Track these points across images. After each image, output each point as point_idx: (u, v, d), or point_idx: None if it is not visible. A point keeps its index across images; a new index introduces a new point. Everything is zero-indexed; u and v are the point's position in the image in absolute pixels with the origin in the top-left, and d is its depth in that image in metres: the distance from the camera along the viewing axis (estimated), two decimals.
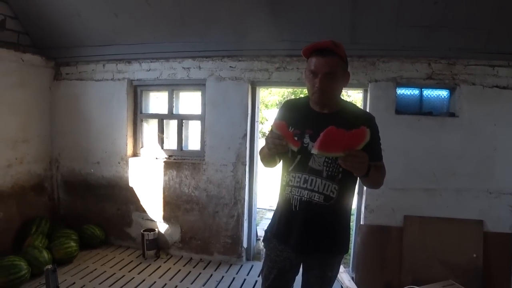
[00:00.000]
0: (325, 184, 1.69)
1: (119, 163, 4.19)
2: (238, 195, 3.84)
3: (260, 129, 5.99)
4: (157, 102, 4.43)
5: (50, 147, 4.41)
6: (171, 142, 4.30)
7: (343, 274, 3.48)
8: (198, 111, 4.06)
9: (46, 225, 4.00)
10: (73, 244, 3.74)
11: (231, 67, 3.76)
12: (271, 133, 1.62)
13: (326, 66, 1.61)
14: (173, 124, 4.26)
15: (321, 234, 1.76)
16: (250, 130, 3.84)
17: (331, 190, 1.69)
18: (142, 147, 4.29)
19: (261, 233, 4.33)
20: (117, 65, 4.12)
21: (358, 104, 3.08)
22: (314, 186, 1.70)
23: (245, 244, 3.94)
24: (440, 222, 3.37)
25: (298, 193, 1.73)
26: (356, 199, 3.69)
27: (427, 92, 3.60)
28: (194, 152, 4.12)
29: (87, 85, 4.25)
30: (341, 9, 3.16)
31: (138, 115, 4.25)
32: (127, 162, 4.16)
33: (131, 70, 4.08)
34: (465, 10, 2.97)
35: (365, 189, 3.53)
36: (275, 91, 15.23)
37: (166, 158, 4.14)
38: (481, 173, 3.35)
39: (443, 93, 3.58)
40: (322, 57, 1.62)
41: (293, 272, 1.94)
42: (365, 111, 2.12)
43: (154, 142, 4.27)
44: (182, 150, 4.15)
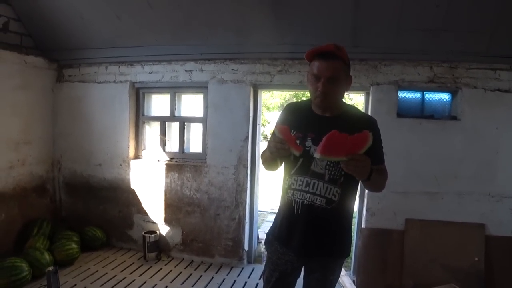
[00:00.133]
0: (327, 187, 1.69)
1: (121, 165, 4.19)
2: (239, 198, 3.84)
3: (262, 131, 5.99)
4: (159, 104, 4.43)
5: (52, 149, 4.42)
6: (173, 145, 4.30)
7: (345, 278, 3.47)
8: (200, 114, 4.07)
9: (48, 226, 4.00)
10: (74, 246, 3.74)
11: (233, 70, 3.77)
12: (274, 137, 1.62)
13: (329, 70, 1.61)
14: (175, 126, 4.27)
15: (322, 238, 1.75)
16: (252, 133, 3.85)
17: (333, 194, 1.69)
18: (144, 149, 4.30)
19: (262, 235, 4.32)
20: (119, 67, 4.14)
21: (360, 107, 3.09)
22: (316, 190, 1.70)
23: (246, 246, 3.93)
24: (441, 226, 3.36)
25: (300, 196, 1.73)
26: (357, 202, 3.68)
27: (429, 95, 3.60)
28: (195, 154, 4.13)
29: (90, 87, 4.26)
30: (343, 12, 3.16)
31: (140, 118, 4.26)
32: (129, 164, 4.17)
33: (134, 72, 4.09)
34: (466, 13, 2.97)
35: (366, 192, 3.53)
36: (277, 94, 15.21)
37: (168, 160, 4.14)
38: (482, 176, 3.34)
39: (445, 96, 3.58)
40: (324, 60, 1.62)
41: (294, 275, 1.94)
42: (367, 115, 2.12)
43: (156, 145, 4.28)
44: (183, 152, 4.15)
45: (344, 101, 1.84)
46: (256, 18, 3.38)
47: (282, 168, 1.88)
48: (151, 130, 4.35)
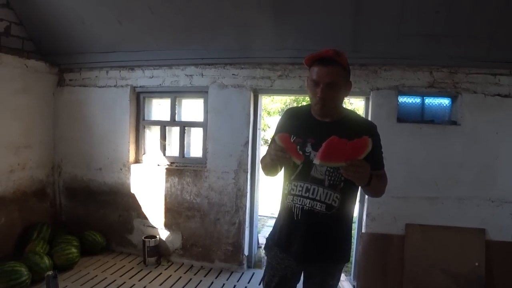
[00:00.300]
0: (327, 193, 1.69)
1: (121, 170, 4.19)
2: (239, 203, 3.84)
3: (262, 136, 5.98)
4: (159, 109, 4.44)
5: (53, 153, 4.43)
6: (173, 149, 4.31)
7: (345, 283, 3.47)
8: (200, 118, 4.07)
9: (48, 231, 4.00)
10: (74, 250, 3.74)
11: (234, 75, 3.78)
12: (274, 145, 1.62)
13: (328, 76, 1.61)
14: (175, 131, 4.28)
15: (322, 243, 1.75)
16: (252, 138, 3.85)
17: (333, 199, 1.69)
18: (144, 154, 4.30)
19: (262, 240, 4.32)
20: (120, 72, 4.15)
21: (360, 112, 3.09)
22: (316, 195, 1.69)
23: (246, 251, 3.93)
24: (442, 231, 3.36)
25: (300, 202, 1.73)
26: (357, 207, 3.67)
27: (429, 100, 3.61)
28: (196, 159, 4.13)
29: (90, 91, 4.27)
30: (343, 17, 3.18)
31: (140, 122, 4.27)
32: (129, 168, 4.17)
33: (134, 77, 4.11)
34: (466, 19, 2.98)
35: (366, 197, 3.52)
36: (278, 99, 15.25)
37: (168, 165, 4.14)
38: (483, 181, 3.34)
39: (445, 101, 3.59)
40: (324, 66, 1.62)
41: (294, 280, 1.93)
42: (367, 120, 2.12)
43: (156, 149, 4.28)
44: (184, 157, 4.16)
45: (344, 106, 1.85)
46: (256, 23, 3.39)
47: (282, 173, 1.88)
48: (152, 135, 4.36)
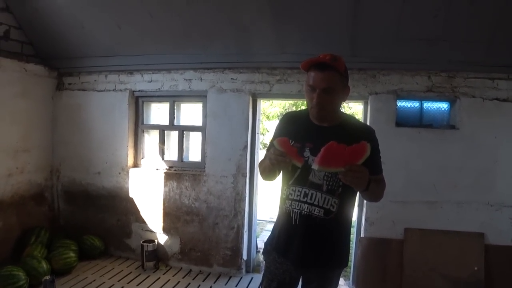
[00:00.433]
0: (325, 198, 1.69)
1: (120, 174, 4.19)
2: (238, 207, 3.83)
3: (261, 140, 5.96)
4: (158, 113, 4.44)
5: (51, 157, 4.42)
6: (172, 153, 4.30)
7: (344, 287, 3.46)
8: (199, 123, 4.07)
9: (46, 235, 3.98)
10: (72, 254, 3.72)
11: (232, 79, 3.79)
12: (274, 149, 1.60)
13: (324, 81, 1.61)
14: (174, 135, 4.27)
15: (320, 248, 1.74)
16: (251, 142, 3.85)
17: (331, 204, 1.69)
18: (143, 158, 4.30)
19: (261, 245, 4.30)
20: (119, 76, 4.15)
21: (359, 116, 3.10)
22: (314, 200, 1.69)
23: (245, 256, 3.91)
24: (440, 235, 3.35)
25: (298, 207, 1.72)
26: (356, 212, 3.68)
27: (427, 104, 3.61)
28: (194, 163, 4.12)
29: (89, 95, 4.27)
30: (341, 22, 3.18)
31: (139, 126, 4.26)
32: (128, 172, 4.16)
33: (133, 81, 4.11)
34: (464, 23, 2.99)
35: (365, 201, 3.52)
36: (277, 103, 15.22)
37: (166, 169, 4.14)
38: (482, 185, 3.34)
39: (443, 105, 3.59)
40: (320, 71, 1.61)
41: (292, 285, 1.93)
42: (365, 125, 2.13)
43: (155, 153, 4.28)
44: (182, 161, 4.15)
45: (342, 110, 1.85)
46: (255, 27, 3.40)
47: (280, 177, 1.88)
48: (150, 139, 4.36)
